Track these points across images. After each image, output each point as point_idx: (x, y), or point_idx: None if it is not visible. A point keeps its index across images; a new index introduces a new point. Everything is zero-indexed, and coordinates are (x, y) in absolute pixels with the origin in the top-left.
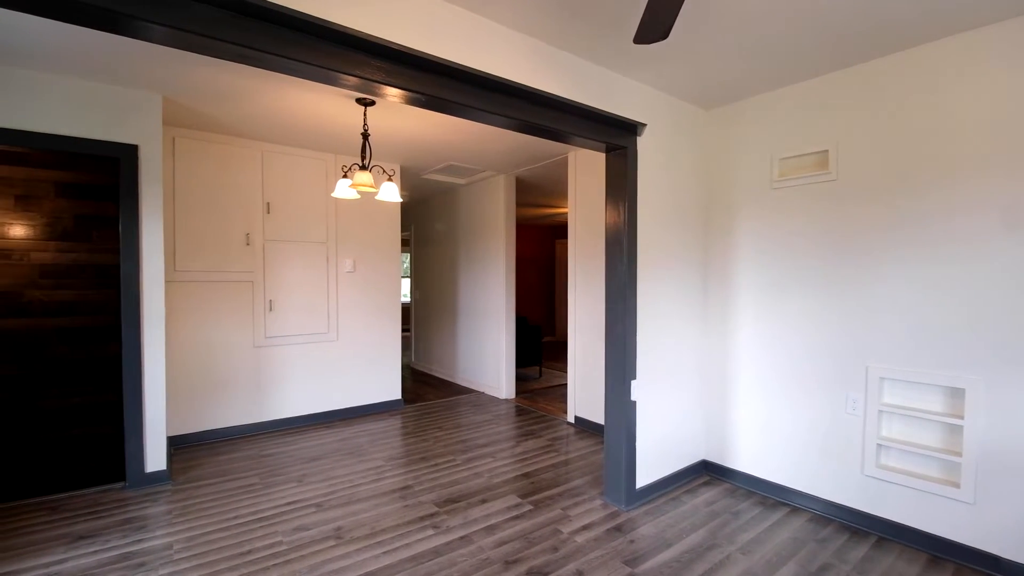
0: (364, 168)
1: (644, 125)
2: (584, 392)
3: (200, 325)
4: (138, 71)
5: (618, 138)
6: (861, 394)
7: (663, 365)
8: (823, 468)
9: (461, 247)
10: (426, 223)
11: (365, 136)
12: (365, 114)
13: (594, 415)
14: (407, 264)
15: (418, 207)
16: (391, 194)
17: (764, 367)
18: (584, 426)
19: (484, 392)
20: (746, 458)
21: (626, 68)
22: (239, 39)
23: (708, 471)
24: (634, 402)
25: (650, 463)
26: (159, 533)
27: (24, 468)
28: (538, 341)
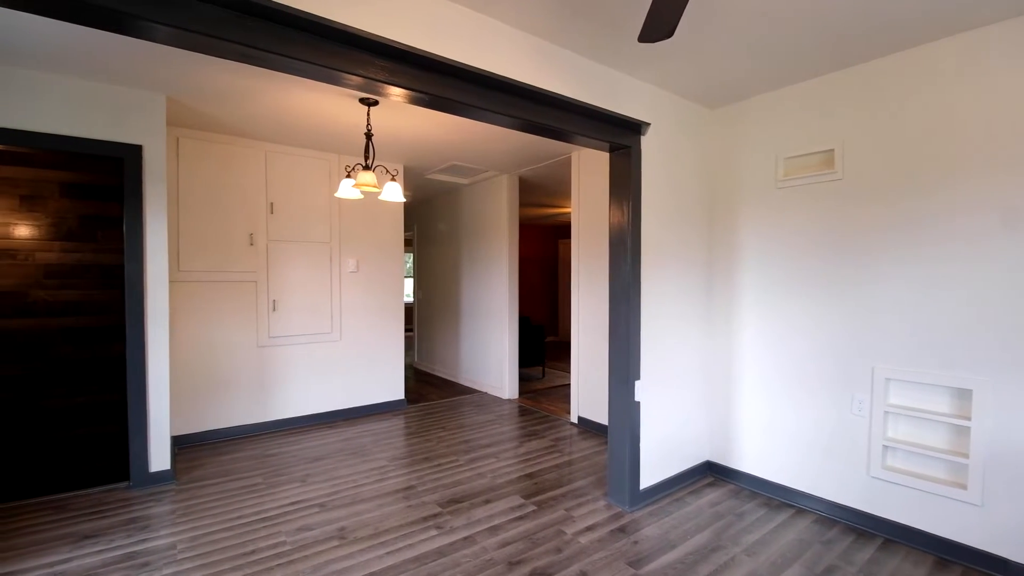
0: (367, 168)
1: (648, 124)
2: (587, 392)
3: (204, 325)
4: (142, 71)
5: (622, 137)
6: (867, 395)
7: (667, 365)
8: (828, 469)
9: (464, 247)
10: (429, 223)
11: (368, 136)
12: (368, 114)
13: (598, 415)
14: (410, 264)
15: (421, 207)
16: (394, 194)
17: (768, 368)
18: (587, 426)
19: (487, 392)
20: (750, 459)
21: (630, 67)
22: (243, 39)
23: (712, 472)
24: (638, 403)
25: (654, 464)
26: (163, 533)
27: (29, 467)
28: (541, 341)
